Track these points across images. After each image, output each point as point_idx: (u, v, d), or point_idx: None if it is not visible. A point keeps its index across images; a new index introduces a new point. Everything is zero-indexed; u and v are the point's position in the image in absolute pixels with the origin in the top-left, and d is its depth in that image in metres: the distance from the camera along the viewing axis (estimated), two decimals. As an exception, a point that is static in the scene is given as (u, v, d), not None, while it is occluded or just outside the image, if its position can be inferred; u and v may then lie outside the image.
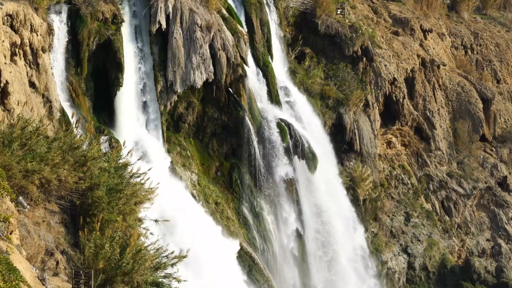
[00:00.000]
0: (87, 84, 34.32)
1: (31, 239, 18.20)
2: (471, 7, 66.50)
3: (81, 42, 33.40)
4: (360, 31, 48.59)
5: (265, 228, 40.09)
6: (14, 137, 19.69)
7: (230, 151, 40.22)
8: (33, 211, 19.54)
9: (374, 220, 49.27)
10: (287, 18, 47.99)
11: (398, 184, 52.26)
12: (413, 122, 53.28)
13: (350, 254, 44.79)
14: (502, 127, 60.09)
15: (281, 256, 40.77)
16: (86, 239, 18.77)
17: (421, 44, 57.07)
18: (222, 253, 34.35)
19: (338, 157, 46.46)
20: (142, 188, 21.80)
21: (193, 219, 34.11)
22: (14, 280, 13.79)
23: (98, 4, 34.05)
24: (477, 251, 53.48)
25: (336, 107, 46.78)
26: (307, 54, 48.42)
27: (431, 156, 54.23)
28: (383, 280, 47.59)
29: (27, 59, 29.08)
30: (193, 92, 38.36)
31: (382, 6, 58.58)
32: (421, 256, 50.23)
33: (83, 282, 17.66)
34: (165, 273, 19.83)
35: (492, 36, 65.58)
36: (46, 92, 29.82)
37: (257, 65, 42.61)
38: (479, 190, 55.12)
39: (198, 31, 37.53)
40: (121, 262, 18.45)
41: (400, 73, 52.40)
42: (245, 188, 39.87)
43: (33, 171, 19.26)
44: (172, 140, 38.06)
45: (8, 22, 28.04)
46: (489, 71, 62.97)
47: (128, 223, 20.71)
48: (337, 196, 44.57)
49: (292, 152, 40.85)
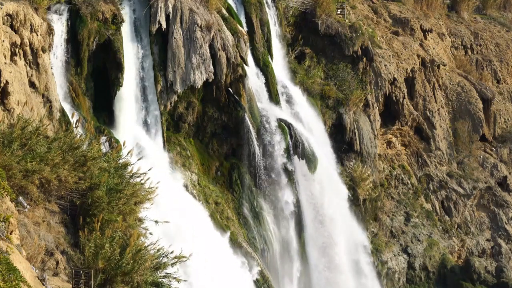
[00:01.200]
0: (87, 84, 34.31)
1: (31, 239, 18.19)
2: (471, 7, 66.49)
3: (81, 42, 33.40)
4: (360, 31, 48.59)
5: (265, 228, 40.08)
6: (14, 137, 19.68)
7: (230, 151, 40.20)
8: (33, 211, 19.54)
9: (374, 220, 49.26)
10: (287, 18, 47.98)
11: (398, 184, 52.24)
12: (413, 122, 53.27)
13: (350, 253, 44.75)
14: (502, 127, 60.08)
15: (281, 256, 40.76)
16: (86, 239, 18.77)
17: (421, 44, 57.05)
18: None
19: (338, 157, 46.45)
20: (142, 188, 21.80)
21: (193, 219, 34.10)
22: (14, 280, 13.78)
23: (98, 4, 34.05)
24: (477, 251, 53.46)
25: (336, 107, 46.77)
26: (307, 54, 48.40)
27: (431, 156, 54.22)
28: (383, 280, 47.57)
29: (27, 59, 29.06)
30: (193, 92, 38.34)
31: (382, 6, 58.57)
32: (421, 256, 50.21)
33: (83, 282, 17.66)
34: (165, 273, 19.85)
35: (492, 36, 65.57)
36: (46, 92, 29.81)
37: (257, 65, 42.59)
38: (479, 190, 55.10)
39: (198, 31, 37.53)
40: (121, 262, 18.45)
41: (400, 73, 52.39)
42: (245, 188, 39.86)
43: (33, 171, 19.25)
44: (172, 140, 38.04)
45: (8, 22, 28.03)
46: (489, 71, 62.96)
47: (128, 223, 20.72)
48: (337, 196, 44.52)
49: (292, 152, 40.84)
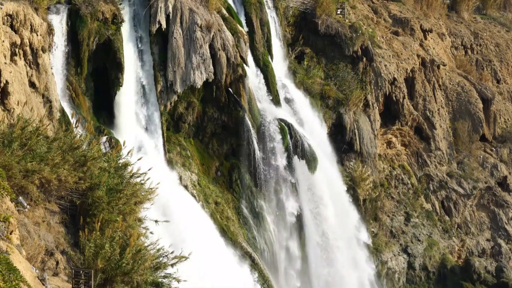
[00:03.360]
0: (87, 84, 34.32)
1: (31, 239, 18.18)
2: (471, 7, 66.52)
3: (81, 42, 33.41)
4: (360, 31, 48.60)
5: (265, 228, 40.08)
6: (14, 137, 19.68)
7: (230, 151, 40.21)
8: (33, 211, 19.52)
9: (374, 220, 49.26)
10: (287, 18, 47.98)
11: (398, 184, 52.24)
12: (413, 122, 53.27)
13: (350, 253, 44.75)
14: (502, 127, 60.08)
15: (281, 255, 40.76)
16: (86, 239, 18.76)
17: (421, 44, 57.05)
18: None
19: (338, 157, 46.45)
20: (142, 188, 21.79)
21: (192, 216, 34.14)
22: (14, 280, 13.77)
23: (98, 4, 34.06)
24: (477, 251, 53.46)
25: (336, 107, 46.77)
26: (307, 54, 48.41)
27: (431, 156, 54.21)
28: (383, 280, 47.56)
29: (27, 59, 29.06)
30: (193, 92, 38.34)
31: (382, 6, 58.57)
32: (421, 256, 50.21)
33: (83, 282, 17.65)
34: (165, 273, 19.84)
35: (492, 36, 65.58)
36: (46, 92, 29.81)
37: (257, 65, 42.59)
38: (479, 190, 55.10)
39: (198, 31, 37.52)
40: (121, 262, 18.44)
41: (400, 73, 52.38)
42: (245, 188, 39.86)
43: (33, 171, 19.24)
44: (172, 140, 38.04)
45: (8, 22, 28.03)
46: (489, 71, 62.97)
47: (128, 223, 20.70)
48: (338, 196, 44.51)
49: (292, 152, 40.83)
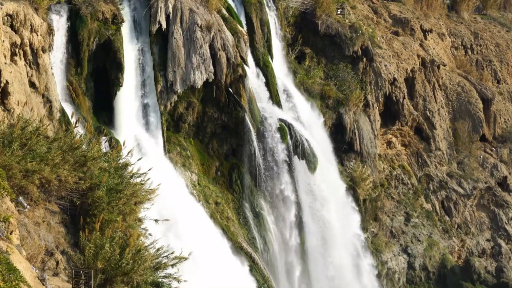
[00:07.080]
0: (87, 84, 34.33)
1: (31, 239, 18.17)
2: (471, 7, 66.49)
3: (81, 42, 33.42)
4: (360, 31, 48.60)
5: (265, 228, 40.08)
6: (14, 137, 19.66)
7: (230, 151, 40.21)
8: (33, 211, 19.52)
9: (374, 220, 49.27)
10: (287, 18, 47.98)
11: (398, 184, 52.24)
12: (413, 122, 53.26)
13: (350, 253, 44.76)
14: (502, 127, 60.06)
15: (281, 255, 40.76)
16: (86, 239, 18.75)
17: (421, 44, 57.04)
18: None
19: (338, 157, 46.45)
20: (142, 188, 21.78)
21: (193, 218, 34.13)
22: (14, 280, 13.77)
23: (98, 4, 34.07)
24: (477, 251, 53.46)
25: (336, 107, 46.77)
26: (307, 54, 48.41)
27: (431, 156, 54.21)
28: (383, 280, 47.57)
29: (27, 59, 29.05)
30: (193, 92, 38.34)
31: (382, 6, 58.56)
32: (421, 256, 50.21)
33: (83, 282, 17.64)
34: (165, 273, 19.83)
35: (492, 36, 65.56)
36: (46, 92, 29.81)
37: (257, 65, 42.60)
38: (479, 190, 55.10)
39: (198, 31, 37.52)
40: (121, 262, 18.43)
41: (400, 73, 52.38)
42: (245, 188, 39.86)
43: (33, 171, 19.22)
44: (172, 140, 38.04)
45: (8, 22, 28.01)
46: (489, 71, 62.95)
47: (128, 223, 20.69)
48: (337, 195, 44.52)
49: (292, 152, 40.83)
